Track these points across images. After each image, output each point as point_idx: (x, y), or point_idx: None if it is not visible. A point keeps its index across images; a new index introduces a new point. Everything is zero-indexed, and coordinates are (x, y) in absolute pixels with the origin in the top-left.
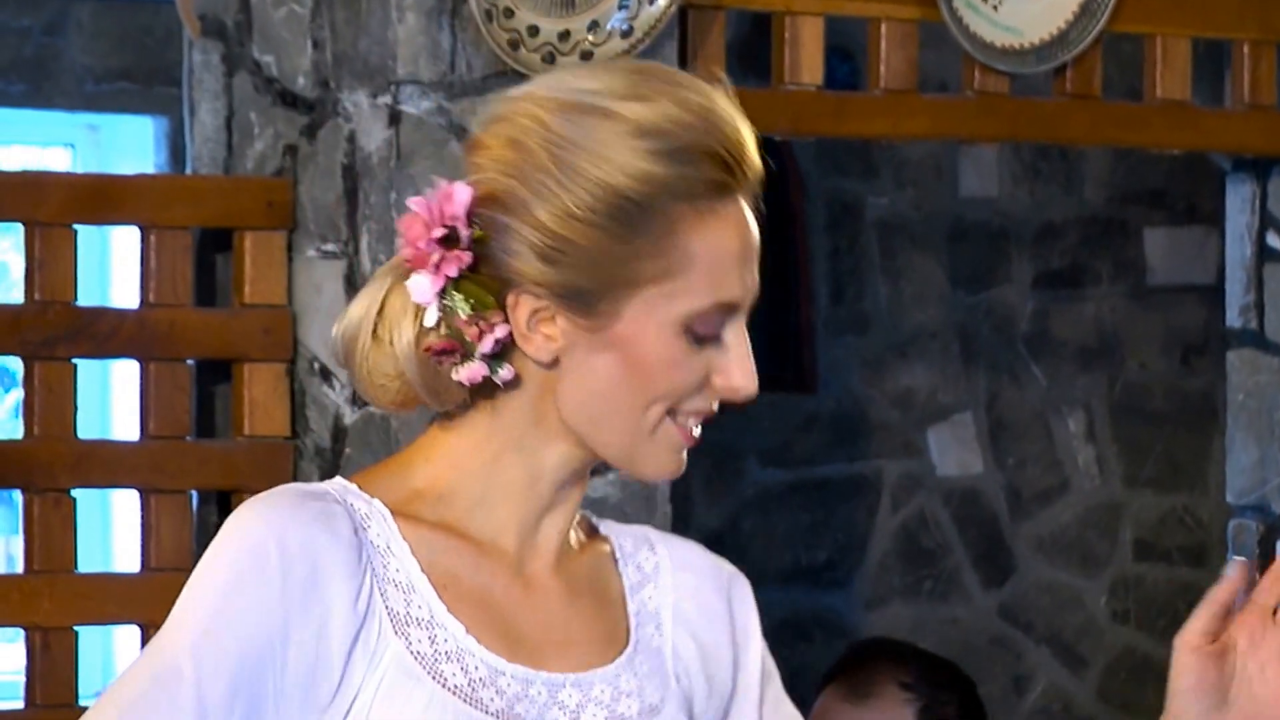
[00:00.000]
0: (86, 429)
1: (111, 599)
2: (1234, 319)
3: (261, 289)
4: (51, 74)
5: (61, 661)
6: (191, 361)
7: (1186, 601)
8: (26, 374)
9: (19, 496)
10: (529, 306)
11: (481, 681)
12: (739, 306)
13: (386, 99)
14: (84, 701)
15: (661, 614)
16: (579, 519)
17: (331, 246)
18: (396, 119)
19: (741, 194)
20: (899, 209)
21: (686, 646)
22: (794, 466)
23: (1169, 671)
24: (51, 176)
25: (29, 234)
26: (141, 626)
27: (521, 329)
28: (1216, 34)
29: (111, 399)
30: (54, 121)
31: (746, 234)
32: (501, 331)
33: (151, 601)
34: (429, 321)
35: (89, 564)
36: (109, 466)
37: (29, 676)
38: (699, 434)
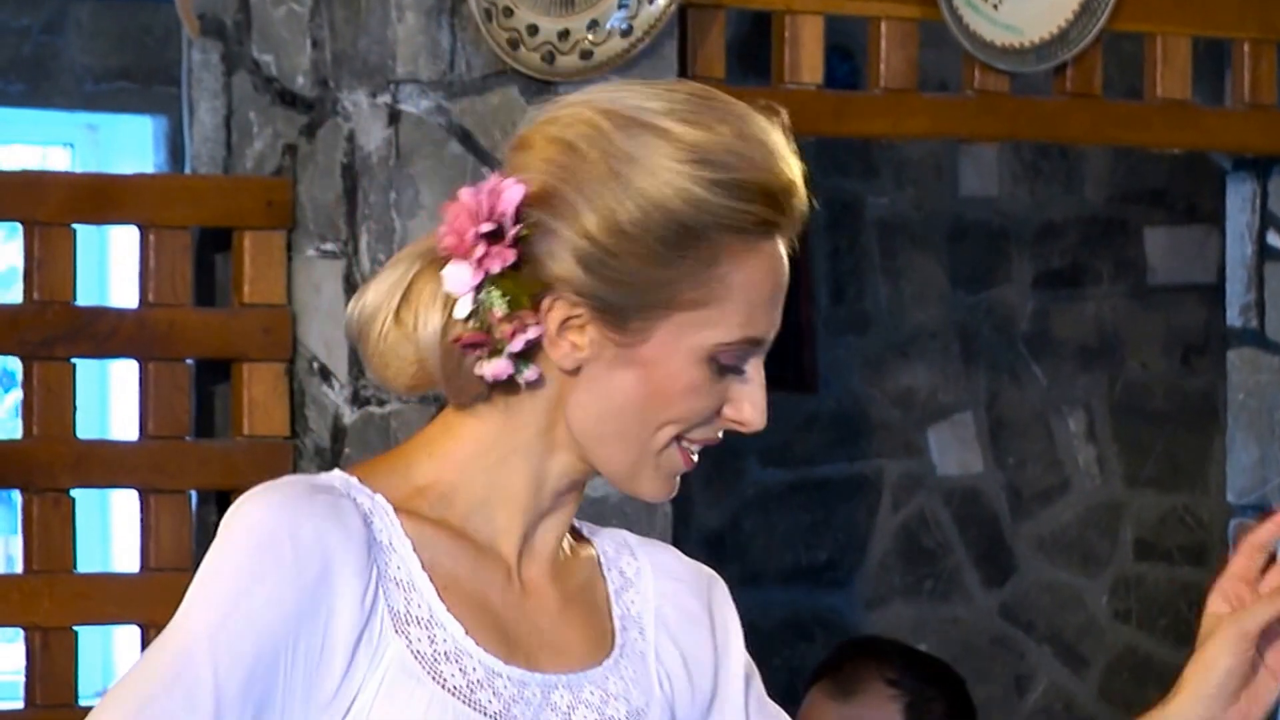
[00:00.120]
0: (86, 429)
1: (111, 599)
2: (1234, 318)
3: (261, 289)
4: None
5: (61, 661)
6: (191, 361)
7: (1187, 601)
8: (26, 374)
9: (18, 496)
10: (563, 312)
11: (479, 683)
12: (763, 343)
13: (386, 98)
14: (84, 702)
15: (644, 619)
16: None
17: (331, 246)
18: (396, 118)
19: (785, 234)
20: (899, 208)
21: (669, 652)
22: (794, 466)
23: (1201, 642)
24: (51, 176)
25: (28, 233)
26: (141, 626)
27: (551, 333)
28: (1217, 33)
29: (111, 399)
30: (53, 121)
31: (781, 274)
32: (534, 333)
33: (151, 601)
34: (460, 313)
35: (88, 564)
36: (108, 466)
37: (29, 676)
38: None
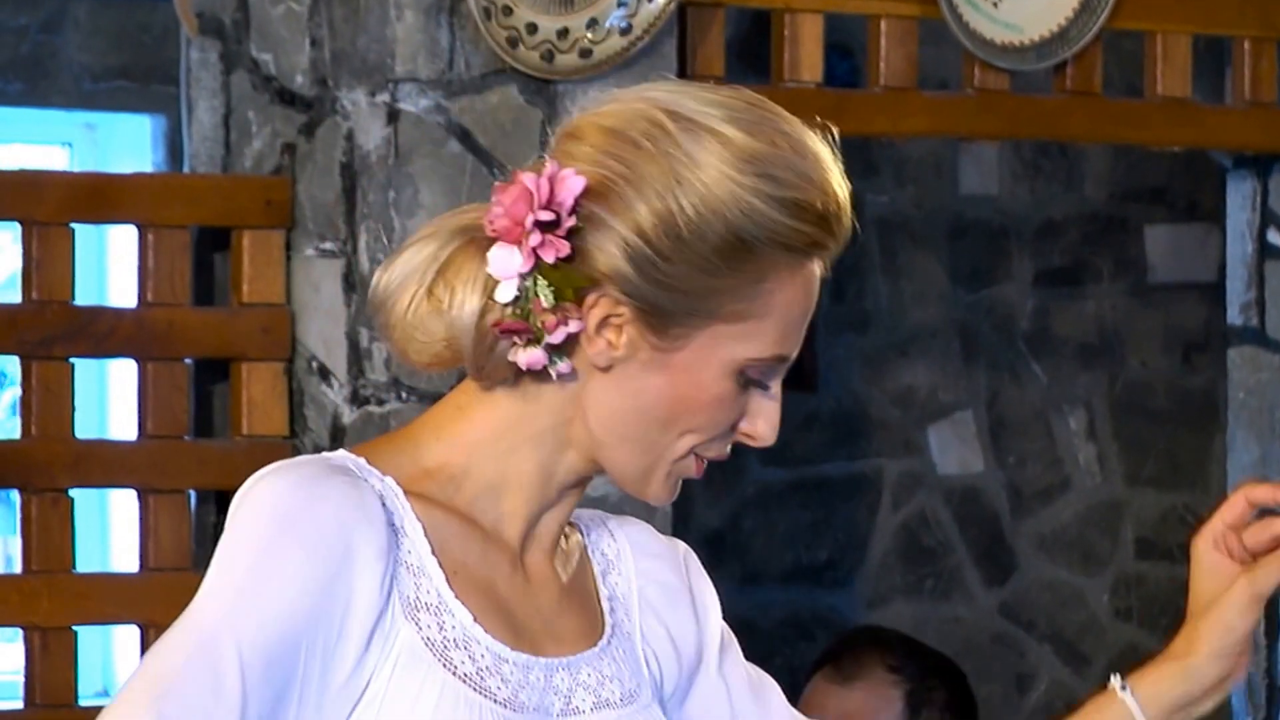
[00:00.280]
0: (84, 429)
1: (110, 599)
2: (1235, 316)
3: (260, 288)
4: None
5: (60, 661)
6: (189, 361)
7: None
8: (24, 373)
9: (17, 496)
10: (605, 310)
11: (488, 669)
12: (789, 360)
13: (385, 97)
14: (83, 701)
15: (629, 600)
16: None
17: (330, 245)
18: (395, 117)
19: (829, 256)
20: (899, 207)
21: (654, 631)
22: (794, 465)
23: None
24: (49, 175)
25: (26, 233)
26: (141, 626)
27: (590, 330)
28: (1217, 31)
29: (109, 398)
30: (51, 120)
31: (815, 295)
32: (575, 326)
33: (150, 601)
34: (503, 297)
35: (87, 564)
36: (107, 466)
37: (28, 676)
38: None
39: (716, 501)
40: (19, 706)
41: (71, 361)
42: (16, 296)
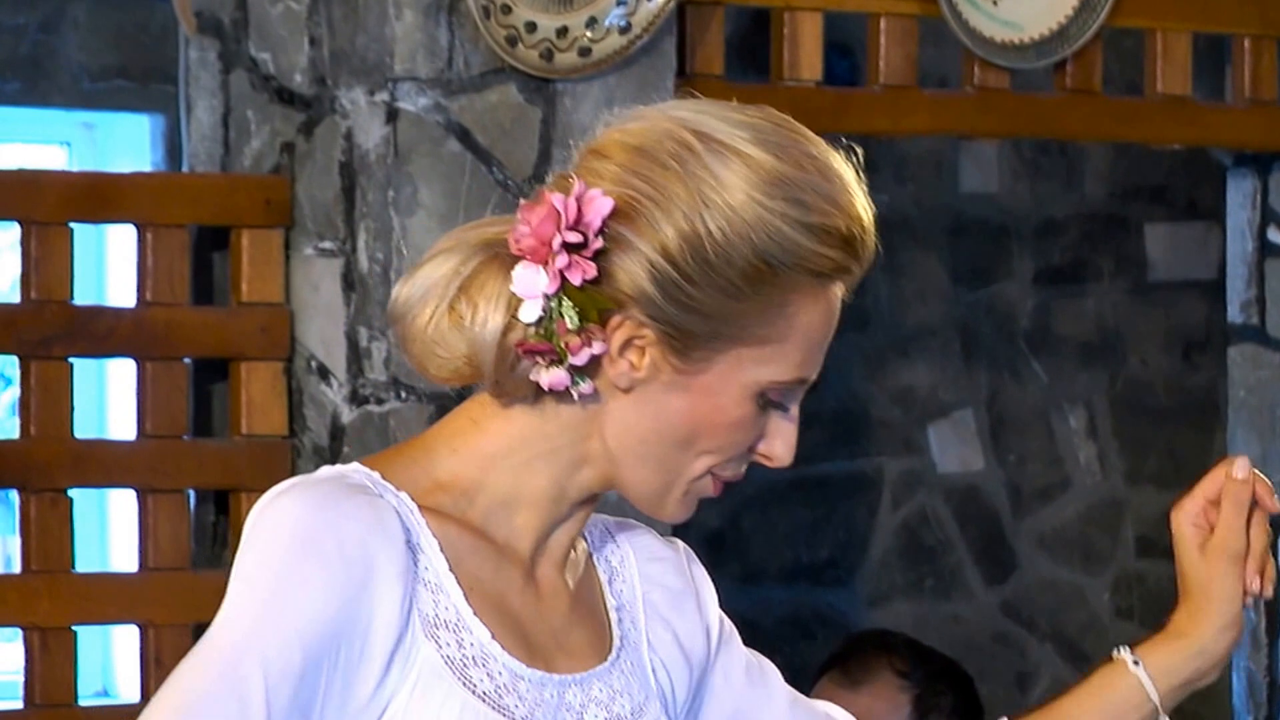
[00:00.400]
0: (83, 428)
1: (109, 599)
2: (1235, 315)
3: (259, 287)
4: (47, 72)
5: (60, 661)
6: (188, 360)
7: None
8: (23, 373)
9: (16, 496)
10: (629, 332)
11: (505, 687)
12: (809, 383)
13: (384, 96)
14: (83, 701)
15: (635, 608)
16: None
17: (329, 244)
18: (394, 116)
19: (853, 280)
20: (899, 205)
21: (661, 637)
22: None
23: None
24: (47, 175)
25: (25, 233)
26: (140, 626)
27: (613, 352)
28: (1217, 29)
29: (108, 398)
30: (50, 119)
31: (836, 317)
32: (599, 348)
33: (150, 601)
34: (527, 317)
35: (86, 564)
36: (106, 466)
37: (27, 676)
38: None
39: (716, 501)
40: (19, 706)
41: (70, 361)
42: (16, 296)
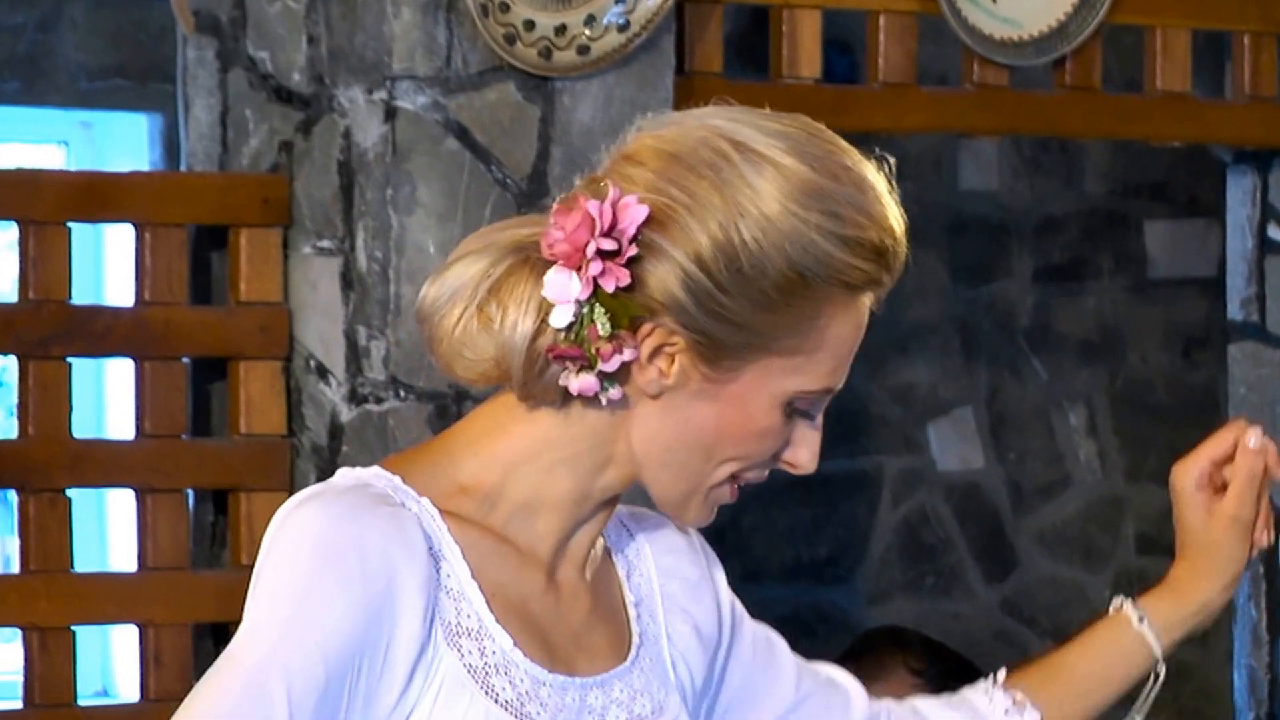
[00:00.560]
0: (82, 428)
1: (108, 598)
2: (1235, 312)
3: (257, 286)
4: (45, 71)
5: (59, 661)
6: (187, 360)
7: None
8: (21, 373)
9: (14, 496)
10: (659, 339)
11: (527, 694)
12: (835, 392)
13: (382, 94)
14: (82, 701)
15: (653, 601)
16: None
17: (327, 243)
18: (392, 114)
19: (883, 291)
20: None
21: (680, 630)
22: None
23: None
24: (45, 174)
25: (23, 232)
26: (139, 626)
27: (643, 359)
28: (1217, 25)
29: (107, 398)
30: (48, 119)
31: (864, 327)
32: (629, 355)
33: (149, 601)
34: (558, 323)
35: (85, 564)
36: (105, 466)
37: (26, 676)
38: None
39: None
40: (18, 706)
41: (69, 361)
42: (13, 296)
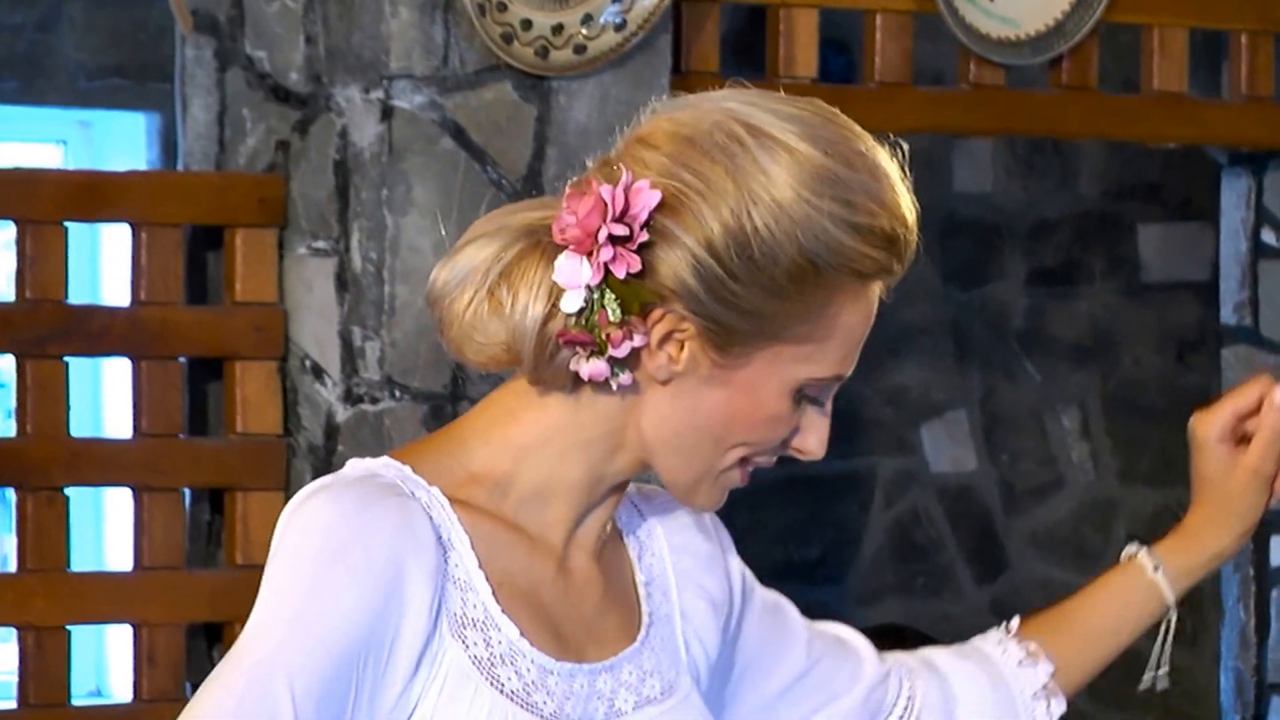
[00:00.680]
0: (79, 427)
1: (105, 597)
2: (1229, 316)
3: (253, 286)
4: (44, 71)
5: (54, 661)
6: (183, 359)
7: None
8: (18, 372)
9: (12, 495)
10: (669, 325)
11: (534, 684)
12: (845, 379)
13: (379, 94)
14: (76, 700)
15: (666, 579)
16: None
17: (323, 243)
18: (389, 114)
19: (894, 279)
20: None
21: (694, 606)
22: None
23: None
24: (43, 174)
25: (20, 232)
26: (134, 625)
27: (653, 344)
28: (1214, 25)
29: (104, 397)
30: (46, 118)
31: (874, 314)
32: (639, 340)
33: (145, 600)
34: (569, 308)
35: (82, 562)
36: (102, 465)
37: (22, 675)
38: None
39: None
40: (12, 706)
41: (66, 360)
42: (10, 295)
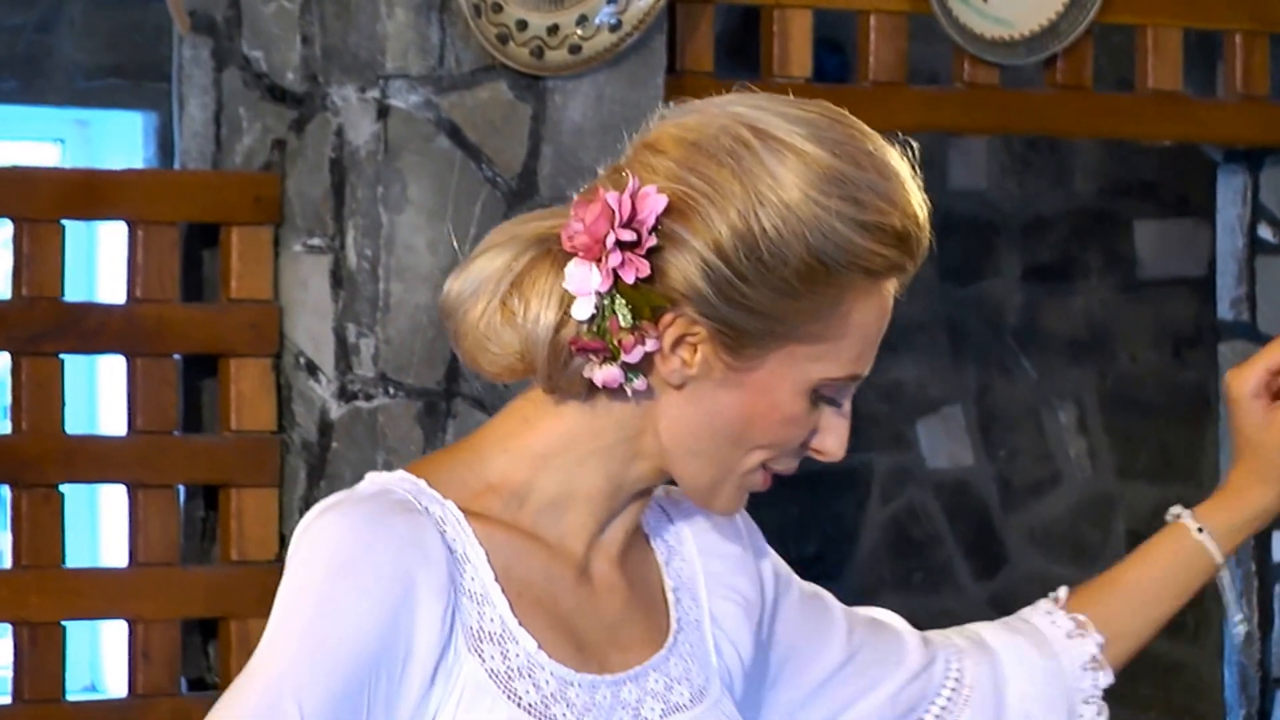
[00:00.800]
0: (74, 424)
1: (99, 594)
2: (1225, 311)
3: (248, 284)
4: (43, 70)
5: (49, 656)
6: (178, 356)
7: None
8: (14, 369)
9: (7, 492)
10: (681, 329)
11: (553, 697)
12: (862, 378)
13: (375, 93)
14: (71, 696)
15: (695, 584)
16: None
17: (318, 241)
18: (385, 113)
19: (907, 276)
20: None
21: (725, 610)
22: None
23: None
24: (40, 172)
25: (18, 229)
26: (129, 621)
27: (665, 349)
28: (1208, 25)
29: (99, 394)
30: (44, 117)
31: (889, 312)
32: (652, 345)
33: (139, 596)
34: (579, 314)
35: (77, 559)
36: (97, 462)
37: (17, 672)
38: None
39: None
40: (8, 701)
41: (61, 357)
42: (6, 293)
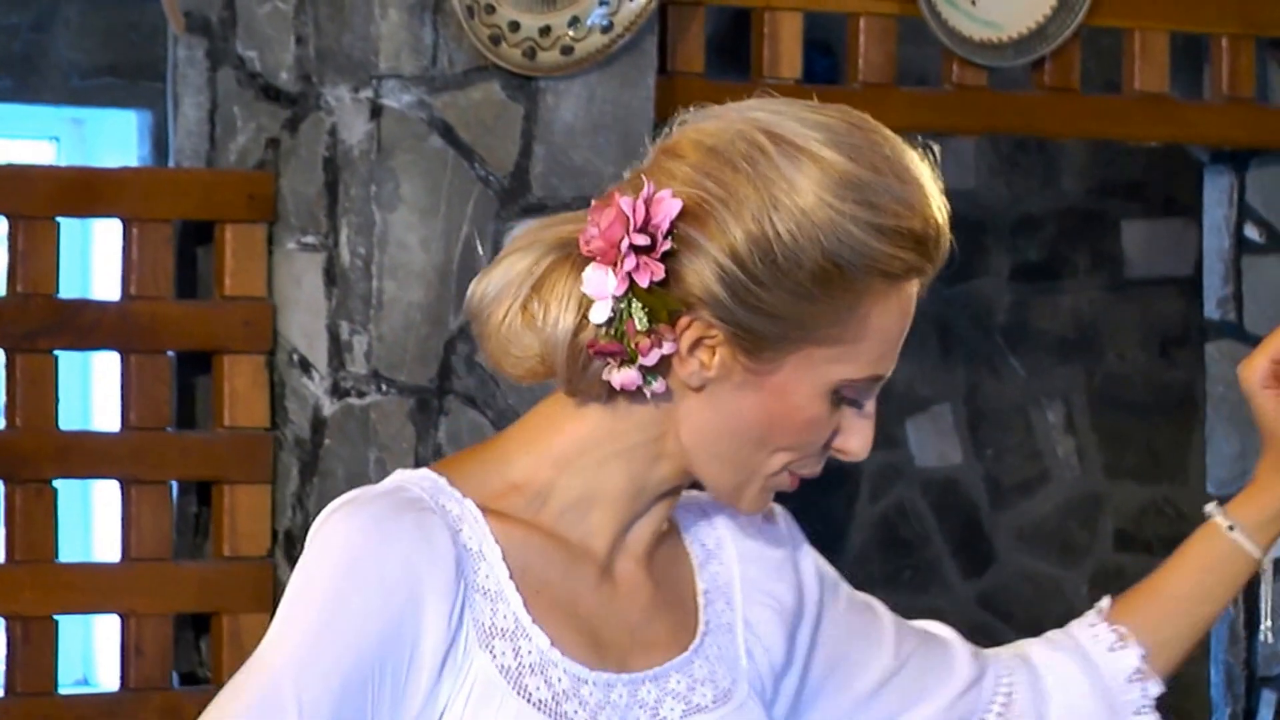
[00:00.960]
0: (68, 420)
1: (92, 588)
2: (1212, 311)
3: (242, 281)
4: (39, 69)
5: (41, 650)
6: (172, 353)
7: None
8: (8, 366)
9: (1, 487)
10: (698, 332)
11: (565, 694)
12: (884, 379)
13: (368, 93)
14: (63, 690)
15: (731, 588)
16: None
17: (311, 239)
18: (378, 113)
19: (927, 278)
20: None
21: (760, 616)
22: None
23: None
24: (35, 170)
25: (13, 227)
26: (121, 616)
27: (683, 351)
28: (1195, 28)
29: (93, 390)
30: (40, 116)
31: (911, 314)
32: (669, 348)
33: (132, 591)
34: (596, 318)
35: (70, 554)
36: (90, 457)
37: (9, 665)
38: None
39: None
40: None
41: (55, 354)
42: (1, 289)
